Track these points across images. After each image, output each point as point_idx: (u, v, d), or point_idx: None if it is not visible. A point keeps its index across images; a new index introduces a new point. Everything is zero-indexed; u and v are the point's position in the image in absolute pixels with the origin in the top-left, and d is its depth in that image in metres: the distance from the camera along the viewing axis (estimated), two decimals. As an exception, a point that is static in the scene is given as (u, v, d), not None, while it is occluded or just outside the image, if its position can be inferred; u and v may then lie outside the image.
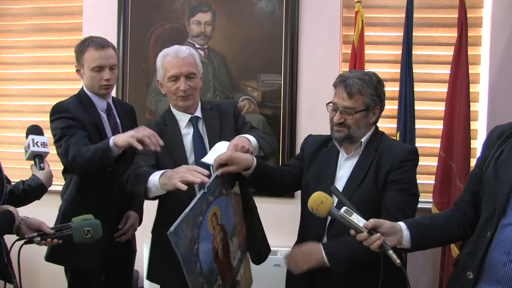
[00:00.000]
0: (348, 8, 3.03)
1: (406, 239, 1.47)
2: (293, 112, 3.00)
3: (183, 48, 1.90)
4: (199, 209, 1.56)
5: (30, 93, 3.38)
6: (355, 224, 1.40)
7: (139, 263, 2.98)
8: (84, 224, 1.62)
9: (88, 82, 2.14)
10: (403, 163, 1.69)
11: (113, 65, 2.14)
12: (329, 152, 1.84)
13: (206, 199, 1.59)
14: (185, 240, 1.48)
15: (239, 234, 1.80)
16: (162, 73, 1.91)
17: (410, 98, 2.74)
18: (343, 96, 1.71)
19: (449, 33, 2.94)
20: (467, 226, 1.53)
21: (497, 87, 2.85)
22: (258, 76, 3.00)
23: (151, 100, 3.14)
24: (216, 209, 1.65)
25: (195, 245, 1.54)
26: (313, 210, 1.46)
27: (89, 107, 2.12)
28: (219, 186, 1.67)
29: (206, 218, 1.59)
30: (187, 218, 1.51)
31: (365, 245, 1.41)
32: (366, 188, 1.70)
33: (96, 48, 2.08)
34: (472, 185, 1.53)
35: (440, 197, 2.78)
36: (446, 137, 2.77)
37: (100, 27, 3.16)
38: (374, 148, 1.75)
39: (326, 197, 1.45)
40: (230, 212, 1.74)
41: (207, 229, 1.60)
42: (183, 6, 3.11)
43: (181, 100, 1.90)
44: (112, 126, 2.17)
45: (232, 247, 1.75)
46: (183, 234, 1.49)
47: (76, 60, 2.15)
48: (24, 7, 3.38)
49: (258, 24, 3.02)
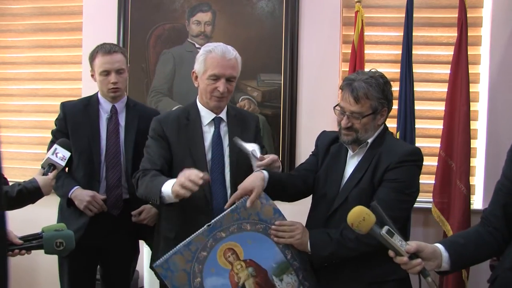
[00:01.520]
0: (348, 8, 3.02)
1: (446, 261, 1.41)
2: (293, 112, 3.00)
3: (230, 49, 1.87)
4: (201, 245, 1.61)
5: (30, 93, 3.38)
6: (397, 247, 1.34)
7: (139, 262, 2.98)
8: (57, 235, 1.53)
9: (99, 87, 2.25)
10: (400, 163, 1.67)
11: (120, 69, 2.20)
12: (339, 148, 1.84)
13: (212, 235, 1.63)
14: (179, 273, 1.56)
15: (298, 271, 1.73)
16: (202, 68, 1.87)
17: (410, 98, 2.74)
18: (350, 101, 1.69)
19: (449, 33, 2.94)
20: (500, 240, 1.46)
21: (497, 87, 2.85)
22: (258, 76, 3.00)
23: (151, 100, 3.13)
24: (230, 244, 1.66)
25: (196, 278, 1.59)
26: (353, 226, 1.39)
27: (91, 109, 2.24)
28: (238, 222, 1.68)
29: (214, 253, 1.63)
30: (180, 252, 1.58)
31: (404, 268, 1.37)
32: (363, 186, 1.70)
33: (104, 54, 2.18)
34: (501, 197, 1.46)
35: (440, 197, 2.78)
36: (446, 137, 2.77)
37: (100, 27, 3.17)
38: (377, 148, 1.74)
39: (368, 214, 1.37)
40: (268, 249, 1.70)
41: (217, 264, 1.64)
42: (183, 6, 3.11)
43: (216, 101, 1.88)
44: (111, 129, 2.23)
45: (282, 284, 1.70)
46: (175, 267, 1.57)
47: (90, 65, 2.26)
48: (24, 7, 3.38)
49: (258, 24, 3.02)
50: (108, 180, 2.20)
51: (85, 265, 2.25)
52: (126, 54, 2.29)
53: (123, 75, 2.23)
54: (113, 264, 2.33)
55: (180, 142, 1.87)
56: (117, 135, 2.23)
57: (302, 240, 1.67)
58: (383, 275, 1.67)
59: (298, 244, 1.68)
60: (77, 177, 2.20)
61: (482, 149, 2.89)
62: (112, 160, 2.20)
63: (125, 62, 2.25)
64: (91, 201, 2.12)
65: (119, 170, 2.21)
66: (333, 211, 1.73)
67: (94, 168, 2.19)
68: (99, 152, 2.20)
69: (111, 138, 2.22)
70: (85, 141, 2.18)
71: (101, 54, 2.18)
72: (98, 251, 2.27)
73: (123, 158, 2.22)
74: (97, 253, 2.28)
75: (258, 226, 1.69)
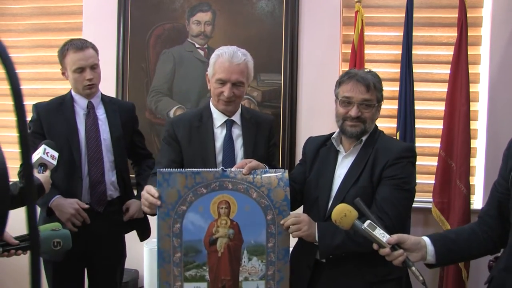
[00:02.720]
0: (348, 8, 3.02)
1: (431, 254, 1.44)
2: (293, 112, 3.00)
3: (239, 54, 1.87)
4: (206, 182, 1.64)
5: (30, 93, 3.38)
6: (378, 239, 1.39)
7: (139, 263, 2.99)
8: (53, 235, 1.52)
9: (73, 84, 2.20)
10: (398, 160, 1.69)
11: (94, 64, 2.17)
12: (328, 151, 1.84)
13: (220, 180, 1.65)
14: (172, 190, 1.61)
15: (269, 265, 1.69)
16: (212, 72, 1.90)
17: (410, 97, 2.74)
18: (361, 89, 1.70)
19: (449, 32, 2.94)
20: (496, 239, 1.48)
21: (497, 87, 2.85)
22: (258, 76, 3.00)
23: (151, 100, 3.13)
24: (229, 199, 1.66)
25: (183, 205, 1.62)
26: (336, 222, 1.46)
27: (66, 107, 2.20)
28: (248, 184, 1.67)
29: (211, 196, 1.64)
30: (185, 175, 1.62)
31: (388, 260, 1.41)
32: (362, 184, 1.70)
33: (75, 51, 2.14)
34: (497, 197, 1.47)
35: (440, 197, 2.78)
36: (446, 137, 2.77)
37: (100, 27, 3.17)
38: (371, 146, 1.75)
39: (349, 210, 1.43)
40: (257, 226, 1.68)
41: (208, 207, 1.64)
42: (183, 5, 3.11)
43: (223, 104, 1.90)
44: (89, 124, 2.20)
45: (248, 264, 1.68)
46: (173, 183, 1.61)
47: (60, 63, 2.21)
48: (24, 7, 3.38)
49: (258, 23, 3.02)
50: (91, 176, 2.16)
51: (71, 271, 2.20)
52: (96, 48, 2.24)
53: (97, 70, 2.20)
54: (100, 268, 2.27)
55: (191, 144, 1.90)
56: (97, 129, 2.19)
57: (309, 231, 1.65)
58: (384, 274, 1.67)
59: (306, 236, 1.66)
60: (58, 178, 2.11)
61: (482, 149, 2.89)
62: (93, 155, 2.17)
63: (97, 56, 2.22)
64: (75, 214, 2.06)
65: (101, 165, 2.18)
66: (330, 213, 1.72)
67: (75, 166, 2.13)
68: (79, 149, 2.15)
69: (91, 133, 2.18)
70: (63, 139, 2.12)
71: (73, 51, 2.13)
72: (84, 255, 2.21)
73: (105, 153, 2.19)
74: (83, 258, 2.22)
75: (262, 200, 1.68)
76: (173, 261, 1.62)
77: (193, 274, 1.65)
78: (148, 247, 2.90)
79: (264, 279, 1.68)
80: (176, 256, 1.62)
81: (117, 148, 2.23)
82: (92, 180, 2.16)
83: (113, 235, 2.26)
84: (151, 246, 2.82)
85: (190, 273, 1.64)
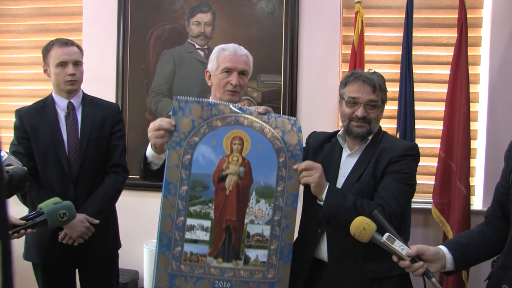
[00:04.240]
0: (348, 9, 3.03)
1: (450, 262, 1.44)
2: (293, 112, 3.00)
3: (242, 48, 1.93)
4: (222, 115, 1.60)
5: (30, 94, 3.38)
6: (398, 252, 1.39)
7: (139, 262, 2.99)
8: (58, 207, 1.56)
9: (54, 80, 2.18)
10: (402, 157, 1.70)
11: (77, 61, 2.17)
12: (333, 148, 1.84)
13: (236, 115, 1.62)
14: (187, 119, 1.57)
15: (276, 209, 1.64)
16: (215, 65, 1.91)
17: (410, 98, 2.74)
18: (367, 90, 1.71)
19: (449, 33, 2.94)
20: (503, 239, 1.49)
21: (497, 87, 2.85)
22: (258, 76, 3.00)
23: (151, 101, 3.14)
24: (244, 135, 1.62)
25: (196, 136, 1.58)
26: (355, 235, 1.45)
27: (48, 109, 2.19)
28: (263, 123, 1.63)
29: (226, 130, 1.60)
30: (202, 105, 1.59)
31: (407, 271, 1.41)
32: (364, 179, 1.71)
33: (60, 46, 2.15)
34: (498, 198, 1.50)
35: (440, 198, 2.78)
36: (446, 138, 2.77)
37: (100, 27, 3.17)
38: (376, 146, 1.76)
39: (368, 224, 1.43)
40: (269, 167, 1.64)
41: (221, 141, 1.60)
42: (183, 6, 3.11)
43: (229, 95, 1.88)
44: (69, 125, 2.18)
45: (255, 206, 1.63)
46: (188, 112, 1.57)
47: (43, 60, 2.20)
48: (24, 8, 3.38)
49: (258, 24, 3.03)
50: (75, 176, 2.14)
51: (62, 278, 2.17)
52: (81, 48, 2.25)
53: (80, 68, 2.19)
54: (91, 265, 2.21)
55: None
56: (76, 130, 2.17)
57: (319, 180, 1.62)
58: (385, 271, 1.68)
59: (315, 185, 1.62)
60: (51, 180, 2.11)
61: (482, 149, 2.89)
62: (73, 156, 2.15)
63: (81, 56, 2.21)
64: (86, 232, 2.06)
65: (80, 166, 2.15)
66: None
67: (63, 167, 2.12)
68: (63, 150, 2.14)
69: (71, 134, 2.16)
70: (47, 140, 2.12)
71: (58, 46, 2.14)
72: (75, 262, 2.18)
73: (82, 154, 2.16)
74: (74, 264, 2.20)
75: (276, 141, 1.65)
76: (179, 193, 1.57)
77: (198, 210, 1.59)
78: (148, 248, 2.90)
79: (270, 224, 1.63)
80: (182, 189, 1.57)
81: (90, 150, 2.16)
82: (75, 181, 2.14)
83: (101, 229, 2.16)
84: (151, 247, 2.83)
85: (195, 208, 1.59)
